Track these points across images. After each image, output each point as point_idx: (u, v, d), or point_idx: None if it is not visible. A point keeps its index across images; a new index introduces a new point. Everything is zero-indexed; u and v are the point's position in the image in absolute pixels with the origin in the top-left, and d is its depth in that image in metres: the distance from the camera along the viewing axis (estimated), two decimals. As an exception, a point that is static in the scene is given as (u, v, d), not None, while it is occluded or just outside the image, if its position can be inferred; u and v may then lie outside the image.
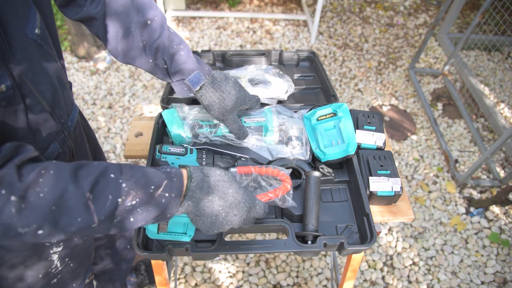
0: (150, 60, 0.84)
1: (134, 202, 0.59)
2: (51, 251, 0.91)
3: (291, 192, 0.89)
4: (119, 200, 0.58)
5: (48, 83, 0.72)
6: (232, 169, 0.92)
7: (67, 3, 0.80)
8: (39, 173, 0.54)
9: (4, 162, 0.53)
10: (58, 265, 0.94)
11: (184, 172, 0.67)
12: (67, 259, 0.96)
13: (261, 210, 0.74)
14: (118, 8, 0.78)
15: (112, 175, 0.58)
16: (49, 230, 0.55)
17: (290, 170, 0.93)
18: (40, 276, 0.91)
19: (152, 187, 0.61)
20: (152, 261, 0.98)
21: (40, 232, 0.54)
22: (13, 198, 0.51)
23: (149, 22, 0.81)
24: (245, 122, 0.95)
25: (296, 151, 1.00)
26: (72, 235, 0.58)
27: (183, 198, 0.66)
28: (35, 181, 0.53)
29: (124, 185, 0.58)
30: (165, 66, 0.85)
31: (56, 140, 0.79)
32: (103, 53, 2.91)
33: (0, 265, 0.85)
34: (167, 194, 0.62)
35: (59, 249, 0.92)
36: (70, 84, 0.93)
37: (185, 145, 0.95)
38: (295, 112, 1.09)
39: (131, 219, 0.60)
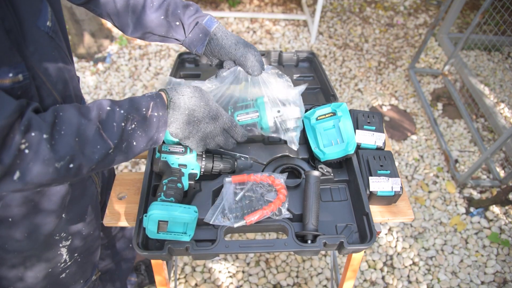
0: (162, 17, 0.88)
1: (133, 125, 0.69)
2: (61, 245, 0.92)
3: (287, 203, 0.89)
4: (122, 124, 0.67)
5: (59, 75, 0.73)
6: (227, 179, 0.92)
7: None
8: (53, 115, 0.60)
9: (22, 112, 0.57)
10: (67, 259, 0.95)
11: (163, 93, 0.77)
12: (76, 254, 0.97)
13: (228, 120, 0.84)
14: None
15: (108, 108, 0.67)
16: (78, 161, 0.62)
17: (286, 174, 0.93)
18: (50, 270, 0.93)
19: (144, 109, 0.71)
20: (152, 261, 0.98)
21: (71, 165, 0.61)
22: (45, 136, 0.58)
23: None
24: (238, 120, 0.93)
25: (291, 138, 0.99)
26: (97, 164, 0.65)
27: (168, 111, 0.76)
28: (53, 121, 0.60)
29: (122, 111, 0.67)
30: (177, 23, 0.89)
31: None
32: (103, 53, 2.91)
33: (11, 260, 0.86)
34: (156, 114, 0.72)
35: (68, 242, 0.94)
36: (78, 78, 0.94)
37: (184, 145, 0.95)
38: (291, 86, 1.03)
39: (134, 143, 0.69)
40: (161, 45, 3.00)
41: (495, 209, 2.06)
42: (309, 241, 0.85)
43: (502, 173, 2.23)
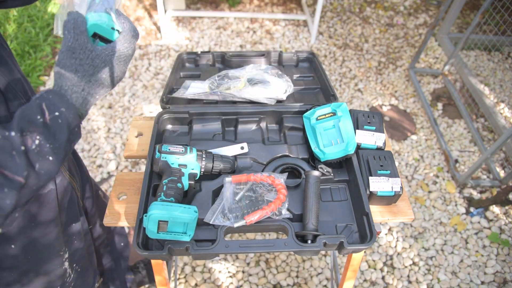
0: None
1: (37, 142, 0.57)
2: (63, 259, 0.91)
3: (287, 203, 0.89)
4: (22, 148, 0.55)
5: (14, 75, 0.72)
6: (227, 179, 0.92)
7: None
8: None
9: None
10: (71, 272, 0.95)
11: (54, 86, 0.64)
12: (74, 265, 0.97)
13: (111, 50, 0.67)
14: None
15: None
16: None
17: (286, 175, 0.93)
18: (59, 287, 0.92)
19: (38, 116, 0.58)
20: (152, 261, 0.98)
21: None
22: None
23: None
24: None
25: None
26: (16, 206, 0.57)
27: (76, 99, 0.63)
28: None
29: (13, 133, 0.55)
30: None
31: None
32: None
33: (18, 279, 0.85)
34: (57, 113, 0.59)
35: (66, 255, 0.93)
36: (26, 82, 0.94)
37: (184, 144, 0.95)
38: None
39: (50, 158, 0.58)
40: (161, 45, 3.00)
41: (495, 209, 2.06)
42: (309, 241, 0.85)
43: (502, 173, 2.23)
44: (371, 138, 1.04)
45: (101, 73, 0.65)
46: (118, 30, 0.69)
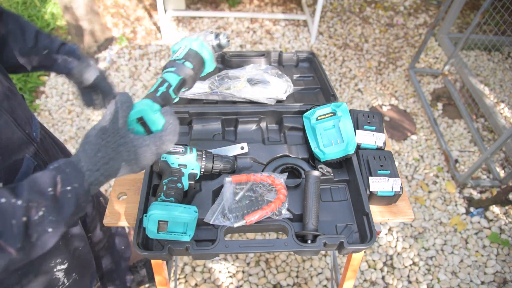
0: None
1: (41, 213, 0.54)
2: (55, 270, 0.91)
3: (287, 203, 0.89)
4: (24, 219, 0.53)
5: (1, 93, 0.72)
6: (227, 179, 0.92)
7: None
8: None
9: None
10: (65, 281, 0.94)
11: (73, 158, 0.61)
12: (73, 274, 0.96)
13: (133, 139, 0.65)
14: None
15: (2, 200, 0.53)
16: None
17: (286, 175, 0.93)
18: None
19: (50, 188, 0.56)
20: (152, 261, 0.98)
21: None
22: None
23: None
24: (176, 57, 0.81)
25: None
26: (16, 265, 0.55)
27: (89, 177, 0.61)
28: None
29: (19, 202, 0.53)
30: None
31: (27, 152, 0.79)
32: (103, 53, 2.91)
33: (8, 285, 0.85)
34: (69, 188, 0.57)
35: (64, 266, 0.93)
36: (22, 96, 0.94)
37: (184, 145, 0.95)
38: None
39: (49, 230, 0.56)
40: (161, 45, 3.00)
41: (495, 209, 2.06)
42: (309, 241, 0.85)
43: (502, 173, 2.23)
44: (371, 138, 1.04)
45: (121, 160, 0.63)
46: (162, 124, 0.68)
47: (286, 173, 0.95)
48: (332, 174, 0.97)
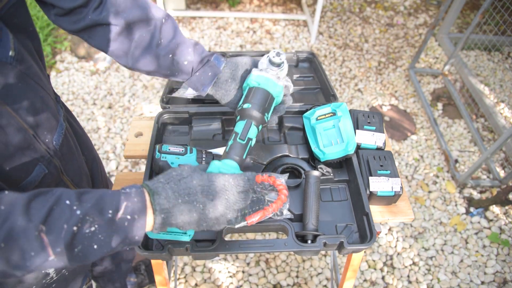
0: (170, 55, 0.82)
1: (93, 229, 0.56)
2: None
3: (288, 203, 0.89)
4: (75, 228, 0.54)
5: (29, 107, 0.69)
6: None
7: (66, 13, 0.75)
8: None
9: None
10: (54, 276, 0.94)
11: (145, 191, 0.63)
12: (64, 270, 0.96)
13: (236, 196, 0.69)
14: (121, 9, 0.75)
15: (67, 201, 0.55)
16: (1, 269, 0.53)
17: (287, 175, 0.93)
18: (34, 287, 0.91)
19: (110, 211, 0.57)
20: (152, 261, 0.98)
21: None
22: None
23: (163, 20, 0.80)
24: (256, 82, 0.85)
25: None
26: (32, 271, 0.55)
27: (154, 215, 0.62)
28: None
29: (78, 212, 0.55)
30: (185, 62, 0.83)
31: (41, 161, 0.76)
32: (103, 53, 2.91)
33: None
34: (128, 217, 0.58)
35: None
36: (57, 97, 0.90)
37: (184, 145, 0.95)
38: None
39: (95, 247, 0.57)
40: (161, 45, 3.00)
41: (495, 209, 2.06)
42: (309, 241, 0.85)
43: (502, 173, 2.23)
44: (371, 138, 1.04)
45: (185, 207, 0.64)
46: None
47: (287, 173, 0.95)
48: (332, 174, 0.97)
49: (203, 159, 0.93)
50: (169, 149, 0.91)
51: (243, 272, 1.79)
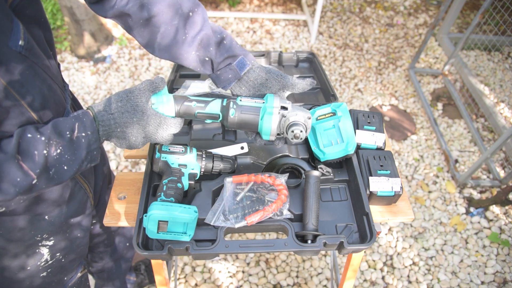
0: (193, 52, 0.82)
1: (58, 151, 0.66)
2: (40, 244, 0.93)
3: (288, 203, 0.89)
4: (45, 152, 0.64)
5: (35, 93, 0.72)
6: (228, 179, 0.92)
7: (96, 1, 0.80)
8: None
9: None
10: (48, 258, 0.96)
11: (90, 111, 0.73)
12: (58, 254, 0.98)
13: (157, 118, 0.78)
14: (147, 1, 0.77)
15: (29, 135, 0.64)
16: None
17: (287, 175, 0.93)
18: (29, 268, 0.94)
19: (68, 132, 0.68)
20: (152, 261, 0.98)
21: None
22: None
23: (190, 14, 0.80)
24: (240, 101, 0.84)
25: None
26: (21, 195, 0.65)
27: (97, 127, 0.73)
28: None
29: (43, 138, 0.65)
30: (207, 58, 0.84)
31: None
32: (103, 53, 2.91)
33: None
34: (83, 134, 0.70)
35: (50, 243, 0.94)
36: (66, 85, 0.92)
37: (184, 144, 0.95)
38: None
39: (65, 167, 0.68)
40: (161, 45, 3.00)
41: (495, 209, 2.06)
42: (309, 241, 0.85)
43: (502, 173, 2.23)
44: (371, 138, 1.03)
45: (135, 118, 0.75)
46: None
47: (287, 174, 0.95)
48: (332, 174, 0.97)
49: (203, 159, 0.93)
50: (169, 149, 0.91)
51: (243, 272, 1.79)
